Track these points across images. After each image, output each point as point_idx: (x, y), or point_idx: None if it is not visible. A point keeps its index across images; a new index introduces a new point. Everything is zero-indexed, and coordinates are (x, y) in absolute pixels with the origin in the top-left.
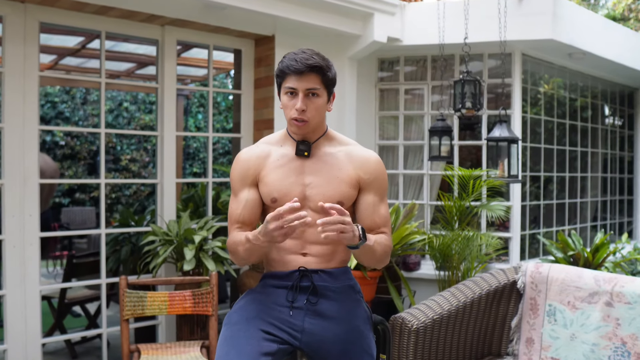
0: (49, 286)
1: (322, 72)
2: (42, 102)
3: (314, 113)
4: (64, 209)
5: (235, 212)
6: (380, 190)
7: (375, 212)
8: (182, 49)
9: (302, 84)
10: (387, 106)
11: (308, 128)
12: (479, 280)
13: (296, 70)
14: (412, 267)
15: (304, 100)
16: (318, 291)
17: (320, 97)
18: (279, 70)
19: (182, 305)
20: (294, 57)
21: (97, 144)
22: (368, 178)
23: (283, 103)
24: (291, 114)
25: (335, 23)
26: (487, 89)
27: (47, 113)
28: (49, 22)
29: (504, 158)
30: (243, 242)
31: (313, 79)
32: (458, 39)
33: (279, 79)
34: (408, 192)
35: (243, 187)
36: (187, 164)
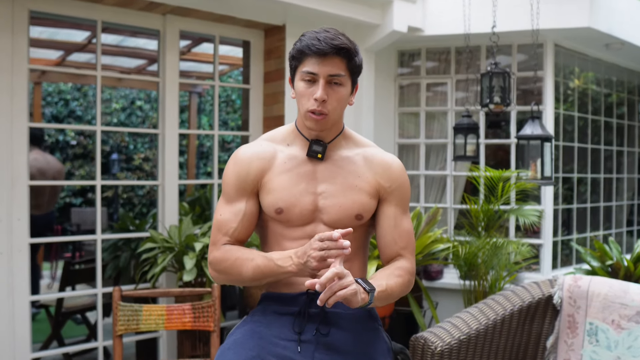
0: (39, 296)
1: (349, 56)
2: (55, 100)
3: (335, 105)
4: (74, 209)
5: (228, 225)
6: (403, 201)
7: (397, 226)
8: (192, 43)
9: (325, 69)
10: (407, 102)
11: (327, 123)
12: (510, 294)
13: (319, 51)
14: (435, 276)
15: (325, 88)
16: (330, 319)
17: (344, 87)
18: (297, 50)
19: (181, 320)
20: (315, 36)
21: (109, 143)
22: (390, 187)
23: (298, 91)
24: (308, 105)
25: (351, 11)
26: (516, 83)
27: (60, 111)
28: (40, 11)
29: (536, 158)
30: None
31: (338, 63)
32: (485, 28)
33: (294, 62)
34: (430, 194)
35: (241, 196)
36: (201, 164)
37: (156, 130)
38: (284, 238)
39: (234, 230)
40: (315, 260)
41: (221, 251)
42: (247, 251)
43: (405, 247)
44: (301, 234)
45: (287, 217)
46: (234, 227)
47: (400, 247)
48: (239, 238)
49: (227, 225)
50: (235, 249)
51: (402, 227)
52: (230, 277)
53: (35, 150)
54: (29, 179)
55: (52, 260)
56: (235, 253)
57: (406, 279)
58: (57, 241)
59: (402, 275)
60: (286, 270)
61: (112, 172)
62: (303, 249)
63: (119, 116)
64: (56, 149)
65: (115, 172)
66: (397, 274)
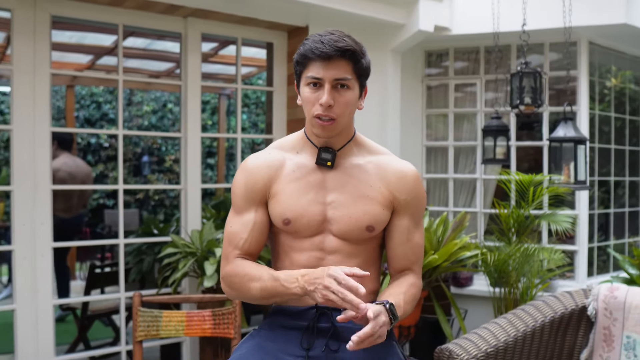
0: (62, 300)
1: (355, 59)
2: (88, 103)
3: (343, 109)
4: (107, 211)
5: (238, 237)
6: (417, 213)
7: (409, 240)
8: (219, 46)
9: (330, 73)
10: (435, 103)
11: (335, 129)
12: (541, 304)
13: (323, 55)
14: (464, 283)
15: (331, 93)
16: (340, 334)
17: (351, 90)
18: (300, 55)
19: (201, 327)
20: (319, 39)
21: (140, 145)
22: (405, 199)
23: (304, 97)
24: (314, 111)
25: (375, 11)
26: (549, 83)
27: (92, 114)
28: (61, 15)
29: (570, 161)
30: (263, 279)
31: (343, 66)
32: (515, 26)
33: (299, 67)
34: (459, 198)
35: (249, 206)
36: (231, 165)
37: (179, 133)
38: (293, 250)
39: (244, 242)
40: (323, 298)
41: (231, 266)
42: (256, 269)
43: (415, 262)
44: (310, 246)
45: (295, 228)
46: (244, 239)
47: (411, 262)
48: (250, 250)
49: (237, 237)
50: (245, 264)
51: (414, 241)
52: (239, 294)
53: (64, 154)
54: (52, 183)
55: (82, 262)
56: (245, 269)
57: (416, 295)
58: (80, 245)
59: (415, 294)
60: (291, 291)
61: (143, 173)
62: (314, 274)
63: (150, 119)
64: (88, 151)
65: (146, 174)
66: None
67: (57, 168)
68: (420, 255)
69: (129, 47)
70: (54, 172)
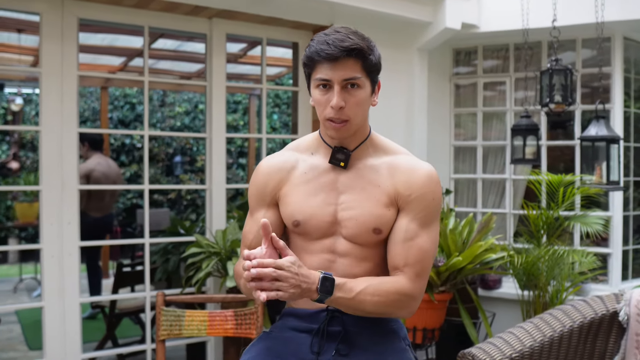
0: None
1: (363, 56)
2: (122, 104)
3: (355, 110)
4: (139, 210)
5: (247, 236)
6: (423, 213)
7: (407, 240)
8: (248, 46)
9: (338, 74)
10: (463, 102)
11: (349, 130)
12: (569, 309)
13: (329, 56)
14: (492, 285)
15: (341, 94)
16: (351, 338)
17: (362, 89)
18: (307, 57)
19: (223, 327)
20: (324, 39)
21: (173, 146)
22: (409, 195)
23: (315, 99)
24: (326, 114)
25: (401, 9)
26: (582, 80)
27: (126, 115)
28: (88, 18)
29: (602, 161)
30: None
31: (351, 65)
32: (545, 22)
33: (307, 69)
34: (488, 199)
35: (260, 207)
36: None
37: (203, 134)
38: (305, 251)
39: (252, 241)
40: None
41: (237, 264)
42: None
43: (410, 266)
44: (321, 248)
45: (305, 230)
46: (251, 239)
47: (404, 263)
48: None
49: (247, 237)
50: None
51: (415, 243)
52: (244, 293)
53: (96, 155)
54: (78, 184)
55: (114, 261)
56: (238, 267)
57: (392, 298)
58: (106, 244)
59: (391, 293)
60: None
61: (175, 173)
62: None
63: (182, 119)
64: (122, 151)
65: (179, 174)
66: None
67: (92, 168)
68: (420, 260)
69: (159, 49)
70: (89, 172)
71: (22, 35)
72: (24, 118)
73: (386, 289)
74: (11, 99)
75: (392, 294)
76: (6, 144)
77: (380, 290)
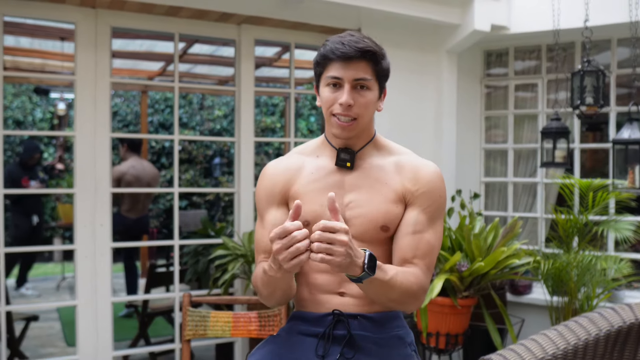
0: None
1: (375, 60)
2: (162, 107)
3: (362, 110)
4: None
5: (261, 241)
6: (430, 208)
7: (416, 233)
8: (282, 50)
9: (350, 73)
10: (494, 105)
11: (355, 129)
12: (596, 317)
13: (343, 55)
14: (522, 291)
15: (350, 93)
16: (356, 343)
17: (371, 91)
18: (320, 56)
19: (247, 328)
20: (339, 40)
21: (213, 148)
22: (416, 190)
23: (323, 97)
24: (333, 109)
25: (428, 12)
26: (619, 82)
27: (166, 119)
28: (120, 27)
29: (635, 164)
30: (261, 275)
31: (363, 66)
32: (577, 22)
33: (319, 68)
34: (519, 203)
35: (269, 208)
36: None
37: (232, 138)
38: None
39: (267, 244)
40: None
41: (255, 271)
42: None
43: (420, 258)
44: None
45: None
46: (266, 241)
47: (413, 255)
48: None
49: (261, 241)
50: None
51: (423, 236)
52: (261, 296)
53: (133, 157)
54: (111, 186)
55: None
56: (257, 271)
57: (414, 289)
58: (138, 245)
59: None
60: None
61: (214, 175)
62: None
63: (221, 123)
64: (162, 154)
65: (217, 176)
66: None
67: (124, 172)
68: (428, 253)
69: (195, 54)
70: (122, 175)
71: (65, 43)
72: (69, 122)
73: (410, 280)
74: (56, 104)
75: (414, 284)
76: (53, 147)
77: (407, 279)
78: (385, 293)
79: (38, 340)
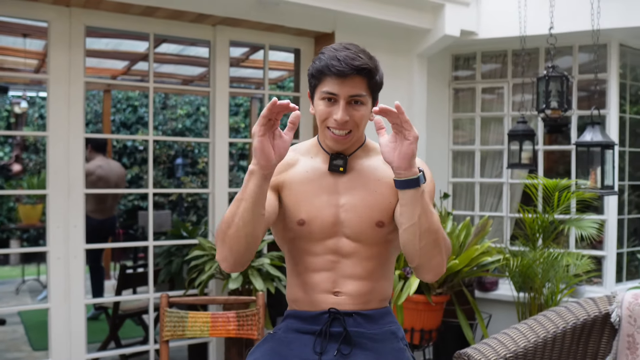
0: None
1: (370, 76)
2: (124, 107)
3: (357, 124)
4: (141, 212)
5: None
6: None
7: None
8: (250, 51)
9: (345, 90)
10: (462, 107)
11: (349, 142)
12: (563, 310)
13: (339, 72)
14: (489, 288)
15: (346, 110)
16: (352, 339)
17: (365, 106)
18: (316, 70)
19: (225, 328)
20: (334, 55)
21: (175, 148)
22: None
23: (318, 110)
24: (328, 123)
25: (401, 17)
26: (579, 86)
27: (128, 118)
28: (95, 26)
29: (597, 166)
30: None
31: (358, 83)
32: (542, 29)
33: (314, 80)
34: (485, 203)
35: None
36: None
37: (207, 139)
38: (307, 253)
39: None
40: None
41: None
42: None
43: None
44: (323, 249)
45: (309, 229)
46: None
47: None
48: None
49: None
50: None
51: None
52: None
53: (99, 157)
54: (84, 187)
55: (116, 262)
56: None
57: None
58: (111, 247)
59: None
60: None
61: (177, 176)
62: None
63: (184, 122)
64: (124, 154)
65: (180, 176)
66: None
67: (91, 171)
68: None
69: (162, 53)
70: (88, 175)
71: (27, 40)
72: (27, 121)
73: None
74: (15, 102)
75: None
76: (9, 146)
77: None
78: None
79: (2, 345)
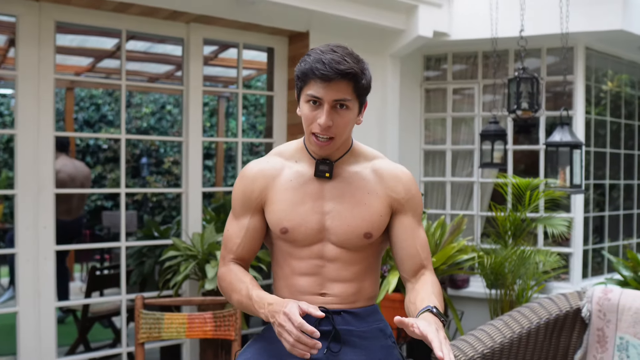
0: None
1: (356, 80)
2: (87, 105)
3: (341, 129)
4: (105, 212)
5: (232, 240)
6: (417, 212)
7: (416, 237)
8: (219, 49)
9: (330, 94)
10: (433, 107)
11: (332, 148)
12: (536, 307)
13: (323, 76)
14: (461, 285)
15: (330, 114)
16: (341, 337)
17: (351, 110)
18: (301, 72)
19: (202, 329)
20: (320, 58)
21: (139, 147)
22: (404, 197)
23: (303, 113)
24: (312, 128)
25: (376, 17)
26: (546, 87)
27: (91, 116)
28: (66, 22)
29: (565, 165)
30: (241, 293)
31: (344, 87)
32: (513, 32)
33: (299, 82)
34: (456, 201)
35: (245, 212)
36: (229, 167)
37: (180, 137)
38: (292, 257)
39: (238, 247)
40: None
41: (223, 270)
42: (239, 280)
43: (427, 258)
44: (309, 254)
45: (293, 237)
46: (237, 243)
47: (422, 258)
48: (243, 255)
49: (232, 241)
50: (232, 272)
51: (421, 238)
52: (226, 297)
53: (62, 157)
54: (54, 187)
55: (82, 263)
56: (231, 277)
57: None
58: (83, 248)
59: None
60: (260, 315)
61: (142, 175)
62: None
63: (149, 120)
64: (87, 153)
65: (145, 176)
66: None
67: (57, 170)
68: (429, 251)
69: (130, 50)
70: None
71: None
72: None
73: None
74: None
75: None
76: None
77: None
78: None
79: None
